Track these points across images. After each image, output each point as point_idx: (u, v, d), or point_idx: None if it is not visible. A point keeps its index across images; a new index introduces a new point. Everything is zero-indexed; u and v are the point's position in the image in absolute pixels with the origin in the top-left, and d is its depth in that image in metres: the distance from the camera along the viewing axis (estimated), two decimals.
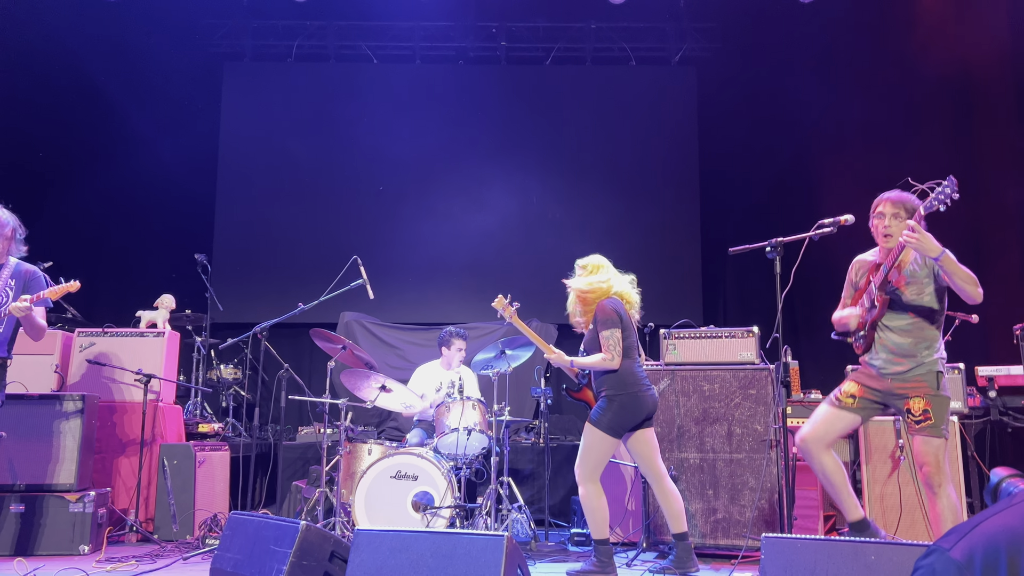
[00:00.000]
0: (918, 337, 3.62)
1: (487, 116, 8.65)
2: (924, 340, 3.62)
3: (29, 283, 4.22)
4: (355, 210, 8.38)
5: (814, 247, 3.79)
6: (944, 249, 3.43)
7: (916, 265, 3.67)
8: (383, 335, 7.70)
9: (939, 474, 3.48)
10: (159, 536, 5.22)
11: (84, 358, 5.60)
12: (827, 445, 3.69)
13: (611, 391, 4.11)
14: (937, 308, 3.65)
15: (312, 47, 8.74)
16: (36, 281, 4.25)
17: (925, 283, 3.64)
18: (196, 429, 6.10)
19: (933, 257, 3.44)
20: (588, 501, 4.14)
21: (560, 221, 8.39)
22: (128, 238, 8.21)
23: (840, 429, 3.71)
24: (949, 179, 3.39)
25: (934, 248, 3.42)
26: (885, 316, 3.67)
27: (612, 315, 4.13)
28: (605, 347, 4.09)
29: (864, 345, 3.76)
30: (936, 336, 3.65)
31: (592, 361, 4.15)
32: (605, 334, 4.10)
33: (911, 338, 3.63)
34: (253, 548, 3.42)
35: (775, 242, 3.76)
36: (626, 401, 4.08)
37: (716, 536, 4.77)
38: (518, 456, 6.28)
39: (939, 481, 3.48)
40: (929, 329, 3.63)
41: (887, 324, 3.68)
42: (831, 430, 3.70)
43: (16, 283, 4.19)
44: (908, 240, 3.43)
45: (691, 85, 8.71)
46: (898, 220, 3.65)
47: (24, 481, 4.81)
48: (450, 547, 3.07)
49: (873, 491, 4.73)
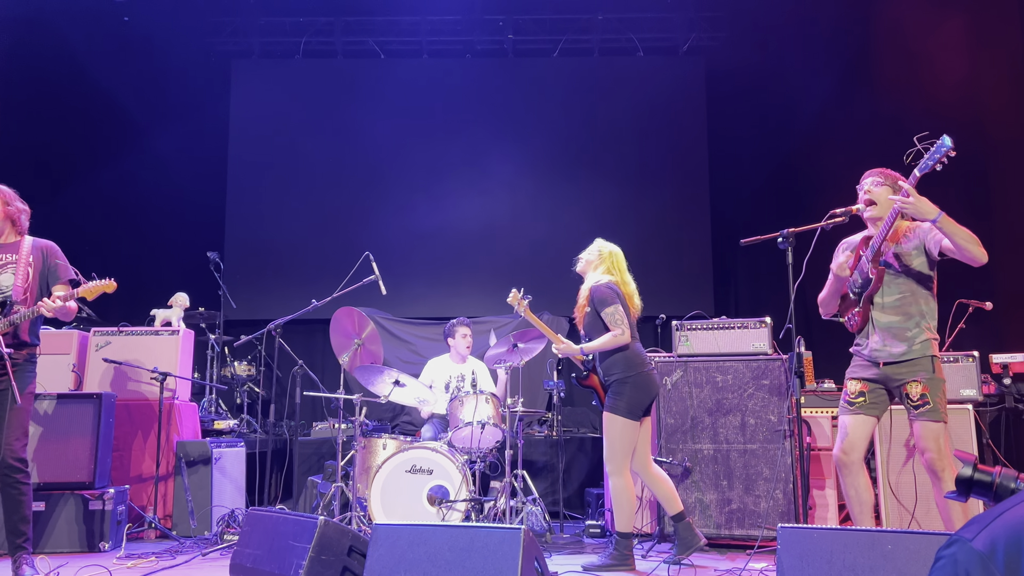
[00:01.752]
0: (907, 314, 3.58)
1: (495, 109, 8.65)
2: (914, 316, 3.58)
3: (49, 257, 4.02)
4: (365, 205, 8.40)
5: (826, 236, 3.78)
6: (940, 210, 3.37)
7: (907, 237, 3.64)
8: (395, 330, 7.73)
9: (942, 459, 3.45)
10: (177, 532, 5.26)
11: (100, 357, 5.64)
12: (863, 456, 3.66)
13: (621, 374, 4.16)
14: (927, 281, 3.61)
15: (319, 43, 8.76)
16: (55, 255, 4.04)
17: (914, 255, 3.61)
18: (212, 426, 6.15)
19: (931, 219, 3.38)
20: (620, 494, 4.16)
21: (569, 213, 8.38)
22: (140, 237, 8.26)
23: (867, 433, 3.66)
24: (943, 137, 3.33)
25: (931, 210, 3.37)
26: (876, 293, 3.64)
27: (608, 292, 4.20)
28: (612, 323, 4.15)
29: (859, 322, 3.71)
30: (925, 312, 3.60)
31: (602, 341, 4.19)
32: (608, 311, 4.16)
33: (901, 315, 3.59)
34: (272, 544, 3.46)
35: (787, 233, 3.75)
36: (639, 381, 4.16)
37: (731, 526, 4.79)
38: (532, 449, 6.30)
39: (942, 466, 3.45)
40: (918, 304, 3.59)
41: (878, 301, 3.64)
42: (861, 437, 3.64)
43: (35, 260, 3.98)
44: (903, 204, 3.39)
45: (699, 75, 8.68)
46: (878, 187, 3.64)
47: (43, 479, 4.86)
48: (467, 540, 3.09)
49: (888, 479, 4.73)
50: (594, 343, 4.23)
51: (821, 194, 5.86)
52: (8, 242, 4.01)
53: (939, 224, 3.39)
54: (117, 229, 8.15)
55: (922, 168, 3.40)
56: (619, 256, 4.48)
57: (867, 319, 3.68)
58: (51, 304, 3.83)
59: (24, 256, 3.95)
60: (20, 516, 3.85)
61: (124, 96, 8.11)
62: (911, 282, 3.61)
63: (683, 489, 4.88)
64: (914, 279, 3.61)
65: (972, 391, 4.91)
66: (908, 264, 3.61)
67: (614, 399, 4.15)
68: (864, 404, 3.65)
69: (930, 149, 3.37)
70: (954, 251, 3.45)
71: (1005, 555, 0.95)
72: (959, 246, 3.40)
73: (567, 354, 4.32)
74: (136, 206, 8.21)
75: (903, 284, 3.61)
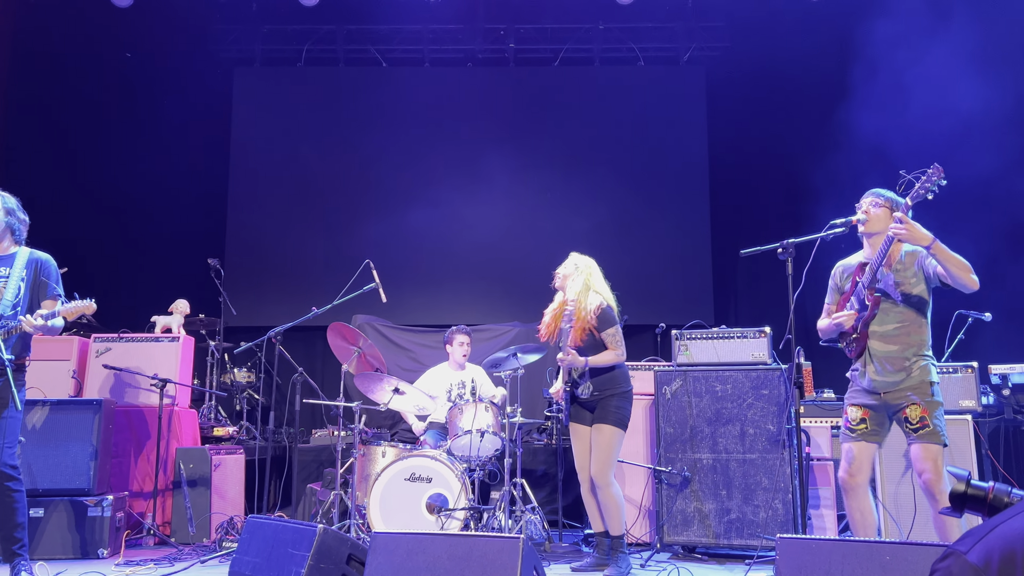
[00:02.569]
0: (905, 343, 3.56)
1: (496, 118, 8.67)
2: (912, 346, 3.56)
3: (41, 273, 4.01)
4: (366, 212, 8.41)
5: (826, 247, 3.78)
6: (934, 237, 3.38)
7: (905, 263, 3.64)
8: (395, 337, 7.74)
9: (940, 481, 3.43)
10: (176, 539, 5.26)
11: (100, 363, 5.65)
12: (868, 479, 3.65)
13: (612, 389, 4.34)
14: (924, 309, 3.60)
15: (321, 51, 8.79)
16: (47, 271, 4.03)
17: (914, 282, 3.60)
18: (211, 433, 6.15)
19: (924, 246, 3.40)
20: (615, 500, 4.30)
21: (570, 223, 8.39)
22: (141, 244, 8.27)
23: (871, 457, 3.66)
24: (934, 166, 3.36)
25: (924, 236, 3.38)
26: (874, 320, 3.62)
27: (611, 314, 4.39)
28: (614, 343, 4.35)
29: (857, 350, 3.68)
30: (923, 341, 3.59)
31: (607, 358, 4.35)
32: (610, 332, 4.35)
33: (899, 344, 3.57)
34: (271, 551, 3.46)
35: (787, 243, 3.75)
36: (629, 395, 4.40)
37: (730, 536, 4.78)
38: (531, 457, 6.30)
39: (941, 488, 3.44)
40: (916, 334, 3.57)
41: (875, 330, 3.62)
42: (865, 461, 3.63)
43: (28, 274, 3.97)
44: (897, 231, 3.41)
45: (700, 84, 8.71)
46: (877, 208, 3.64)
47: (42, 486, 4.86)
48: (466, 549, 3.09)
49: (887, 491, 4.72)
50: (598, 358, 4.35)
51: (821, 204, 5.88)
52: (4, 254, 4.01)
53: (933, 251, 3.40)
54: (118, 236, 8.16)
55: (914, 197, 3.44)
56: (595, 268, 4.60)
57: (864, 347, 3.67)
58: (32, 321, 3.82)
59: (17, 271, 3.95)
60: (14, 523, 3.85)
61: (126, 103, 8.14)
62: (910, 310, 3.59)
63: (682, 499, 4.88)
64: (913, 307, 3.59)
65: (971, 402, 4.91)
66: (908, 292, 3.59)
67: (611, 412, 4.30)
68: (865, 431, 3.63)
69: (920, 178, 3.40)
70: (946, 278, 3.47)
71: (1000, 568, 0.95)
72: (951, 273, 3.41)
73: (572, 364, 4.37)
74: (137, 212, 8.22)
75: (902, 312, 3.59)
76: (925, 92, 6.97)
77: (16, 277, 3.94)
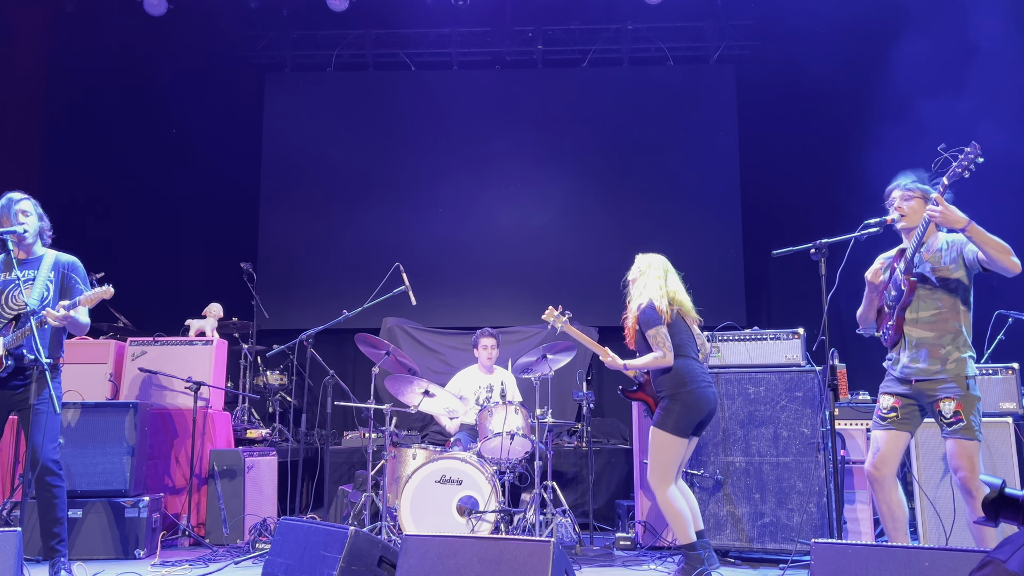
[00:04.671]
0: (942, 330, 3.51)
1: (525, 120, 8.67)
2: (948, 333, 3.50)
3: (68, 275, 4.12)
4: (395, 216, 8.45)
5: (860, 247, 3.72)
6: (970, 219, 3.33)
7: (943, 248, 3.57)
8: (425, 340, 7.77)
9: (975, 478, 3.37)
10: (210, 540, 5.33)
11: (136, 367, 5.75)
12: (895, 471, 3.60)
13: (670, 391, 4.11)
14: (963, 296, 3.54)
15: (351, 56, 8.86)
16: (74, 270, 4.14)
17: (952, 267, 3.54)
18: (244, 435, 6.22)
19: (959, 228, 3.35)
20: (667, 507, 4.07)
21: (599, 224, 8.37)
22: (176, 249, 8.40)
23: (899, 448, 3.60)
24: (972, 144, 3.30)
25: (959, 219, 3.33)
26: (910, 307, 3.57)
27: (651, 314, 4.16)
28: (655, 345, 4.12)
29: (893, 336, 3.64)
30: (960, 330, 3.52)
31: (645, 361, 4.14)
32: (650, 333, 4.13)
33: (935, 331, 3.52)
34: (304, 553, 3.48)
35: (819, 244, 3.70)
36: (688, 400, 4.06)
37: (764, 540, 4.72)
38: (561, 460, 6.28)
39: (976, 486, 3.37)
40: (954, 321, 3.51)
41: (912, 316, 3.57)
42: (893, 452, 3.58)
43: (55, 275, 4.08)
44: (931, 213, 3.37)
45: (730, 83, 8.63)
46: (909, 201, 3.60)
47: (81, 487, 4.95)
48: (497, 552, 3.09)
49: (925, 494, 4.63)
50: (638, 361, 4.20)
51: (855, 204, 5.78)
52: (32, 257, 4.12)
53: (968, 233, 3.35)
54: (153, 241, 8.29)
55: (951, 176, 3.37)
56: (658, 266, 4.36)
57: (900, 333, 3.62)
58: (54, 313, 3.91)
59: (44, 272, 4.06)
60: (54, 518, 3.93)
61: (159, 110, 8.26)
62: (948, 296, 3.53)
63: (715, 502, 4.84)
64: (951, 293, 3.53)
65: (1012, 404, 4.80)
66: (946, 277, 3.54)
67: (662, 414, 4.10)
68: (896, 419, 3.58)
69: (958, 156, 3.33)
70: (987, 262, 3.39)
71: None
72: (990, 257, 3.35)
73: (613, 367, 4.27)
74: (171, 218, 8.35)
75: (940, 299, 3.54)
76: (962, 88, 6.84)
77: (43, 278, 4.06)
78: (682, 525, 4.04)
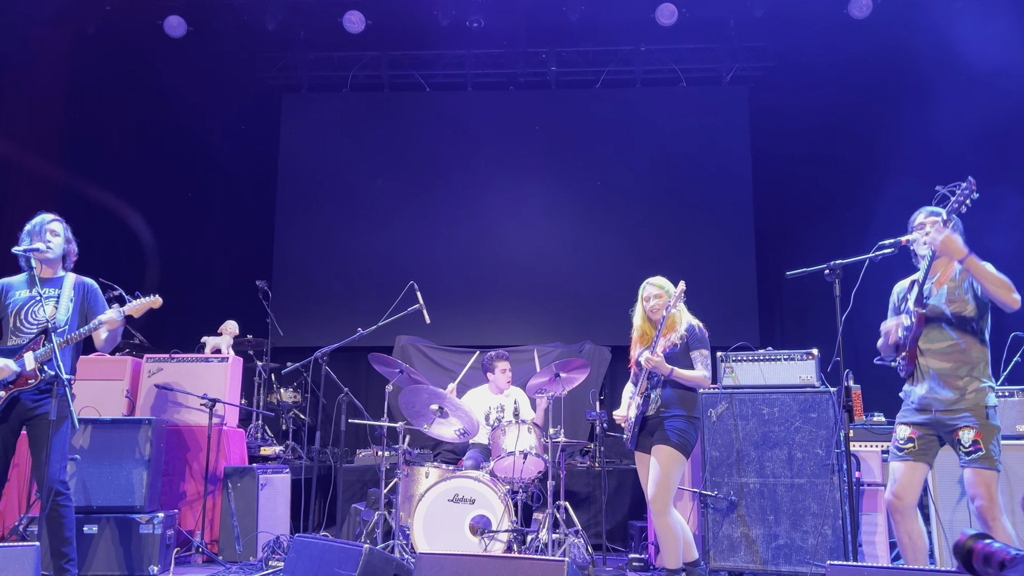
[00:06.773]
0: (959, 361, 3.48)
1: (538, 140, 8.74)
2: (966, 364, 3.47)
3: (88, 297, 4.20)
4: (410, 235, 8.52)
5: (874, 268, 3.72)
6: (969, 252, 3.33)
7: (957, 280, 3.56)
8: (438, 358, 7.78)
9: (994, 507, 3.34)
10: (224, 557, 5.34)
11: (152, 383, 5.79)
12: (915, 501, 3.57)
13: (688, 412, 4.17)
14: (979, 327, 3.51)
15: (366, 77, 8.96)
16: (94, 295, 4.24)
17: (966, 298, 3.51)
18: (258, 452, 6.24)
19: (958, 260, 3.36)
20: (671, 529, 4.07)
21: (612, 244, 8.39)
22: (192, 267, 8.48)
23: (918, 479, 3.57)
24: (968, 180, 3.33)
25: (957, 250, 3.34)
26: (924, 338, 3.54)
27: (705, 337, 4.27)
28: (703, 364, 4.19)
29: (907, 368, 3.63)
30: (979, 361, 3.48)
31: (693, 375, 4.16)
32: (702, 352, 4.21)
33: (951, 363, 3.49)
34: (318, 570, 3.49)
35: (834, 265, 3.70)
36: (698, 425, 4.23)
37: (778, 562, 4.69)
38: (574, 480, 6.26)
39: (994, 515, 3.34)
40: (970, 351, 3.48)
41: (927, 347, 3.55)
42: (913, 483, 3.56)
43: (76, 295, 4.17)
44: (930, 242, 3.38)
45: (743, 105, 8.67)
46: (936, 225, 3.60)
47: (96, 503, 4.98)
48: (511, 571, 3.08)
49: (942, 518, 4.59)
50: (686, 372, 4.15)
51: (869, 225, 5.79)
52: (54, 277, 4.19)
53: (966, 265, 3.35)
54: (169, 259, 8.37)
55: (949, 211, 3.40)
56: None
57: (915, 364, 3.60)
58: (113, 315, 4.05)
59: (67, 292, 4.15)
60: (62, 538, 3.96)
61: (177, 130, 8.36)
62: (963, 328, 3.50)
63: (728, 523, 4.81)
64: (966, 324, 3.50)
65: None
66: (960, 309, 3.52)
67: (681, 434, 4.09)
68: (913, 450, 3.55)
69: (955, 192, 3.36)
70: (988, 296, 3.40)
71: None
72: (990, 292, 3.36)
73: (655, 368, 4.15)
74: (188, 236, 8.44)
75: (954, 331, 3.51)
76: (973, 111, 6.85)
77: (66, 297, 4.14)
78: (677, 550, 4.10)
